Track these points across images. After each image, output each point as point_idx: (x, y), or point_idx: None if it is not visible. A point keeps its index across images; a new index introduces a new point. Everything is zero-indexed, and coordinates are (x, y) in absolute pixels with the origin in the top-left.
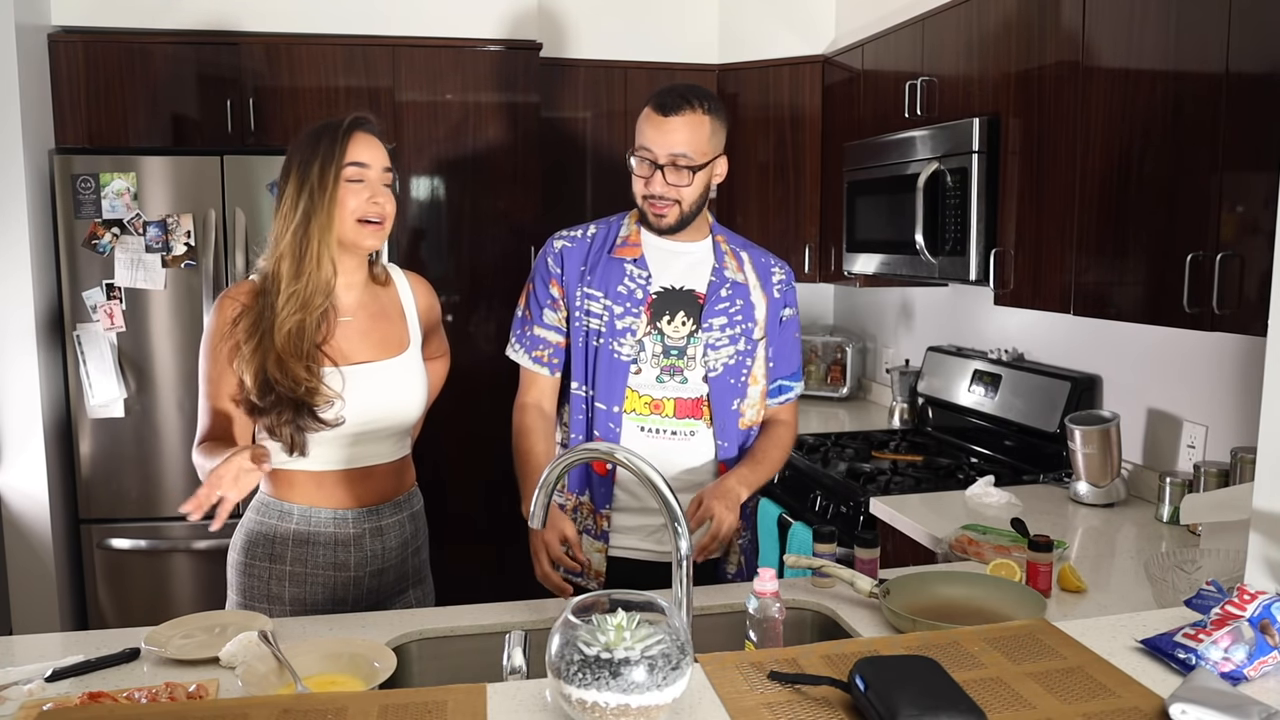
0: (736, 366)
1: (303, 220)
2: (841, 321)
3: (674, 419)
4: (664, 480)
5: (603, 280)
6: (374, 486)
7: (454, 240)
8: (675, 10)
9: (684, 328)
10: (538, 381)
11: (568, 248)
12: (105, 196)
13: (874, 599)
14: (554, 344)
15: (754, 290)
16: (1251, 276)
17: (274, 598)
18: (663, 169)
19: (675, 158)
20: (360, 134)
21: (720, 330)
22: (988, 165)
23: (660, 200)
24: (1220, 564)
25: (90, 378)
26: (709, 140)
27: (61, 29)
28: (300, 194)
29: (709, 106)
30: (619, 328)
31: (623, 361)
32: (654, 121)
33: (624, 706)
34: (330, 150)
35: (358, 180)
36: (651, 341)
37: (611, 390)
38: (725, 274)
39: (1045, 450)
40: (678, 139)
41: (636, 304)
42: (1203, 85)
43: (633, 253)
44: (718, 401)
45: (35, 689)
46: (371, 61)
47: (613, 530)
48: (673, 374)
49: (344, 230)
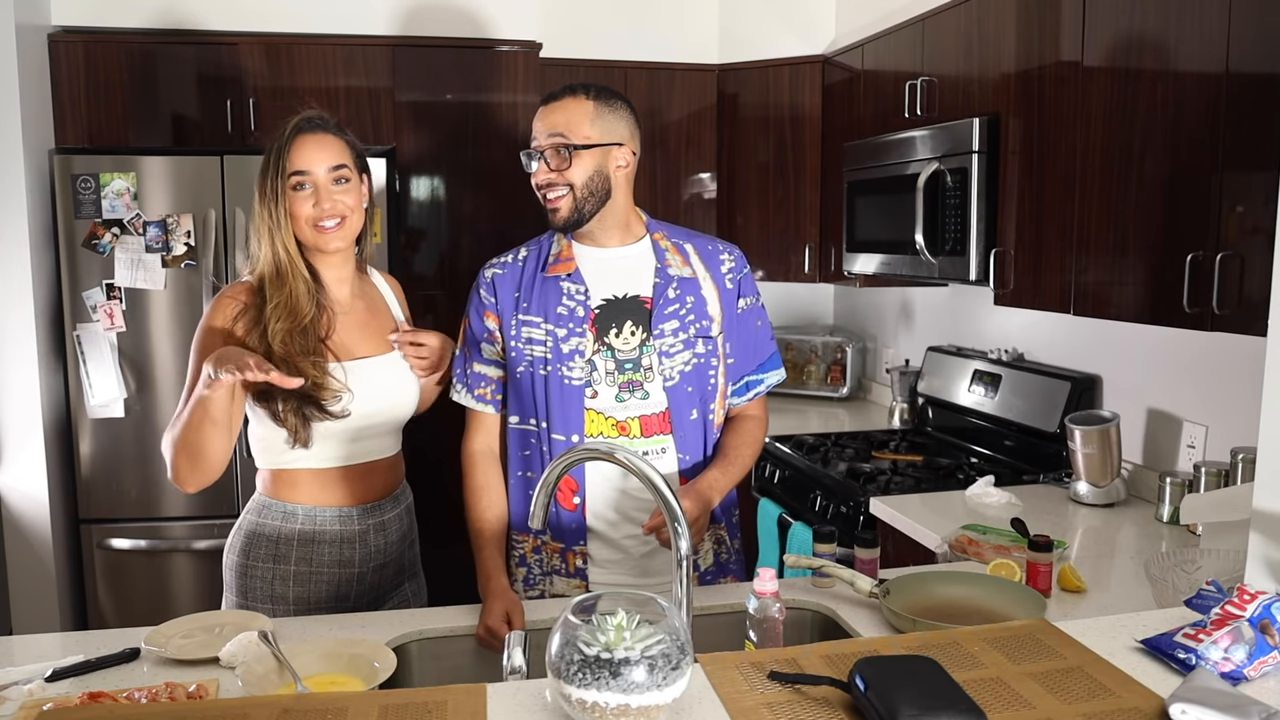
0: (697, 372)
1: (269, 234)
2: (841, 321)
3: (642, 439)
4: (664, 480)
5: (540, 304)
6: (375, 482)
7: (453, 241)
8: (675, 10)
9: (634, 338)
10: (484, 423)
11: (499, 275)
12: (105, 196)
13: (874, 599)
14: (495, 379)
15: (704, 283)
16: (1251, 276)
17: (277, 597)
18: (544, 156)
19: (552, 139)
20: (302, 138)
21: (673, 335)
22: (988, 165)
23: (549, 188)
24: (1220, 564)
25: (90, 378)
26: (591, 123)
27: (61, 29)
28: (263, 207)
29: (595, 93)
30: (565, 351)
31: (575, 386)
32: (538, 114)
33: (624, 706)
34: (275, 162)
35: (301, 188)
36: (602, 359)
37: (568, 419)
38: (669, 272)
39: (1045, 450)
40: (554, 120)
41: (579, 322)
42: (1203, 85)
43: (566, 268)
44: (676, 412)
45: (35, 689)
46: (371, 61)
47: (592, 565)
48: (632, 390)
49: (304, 237)
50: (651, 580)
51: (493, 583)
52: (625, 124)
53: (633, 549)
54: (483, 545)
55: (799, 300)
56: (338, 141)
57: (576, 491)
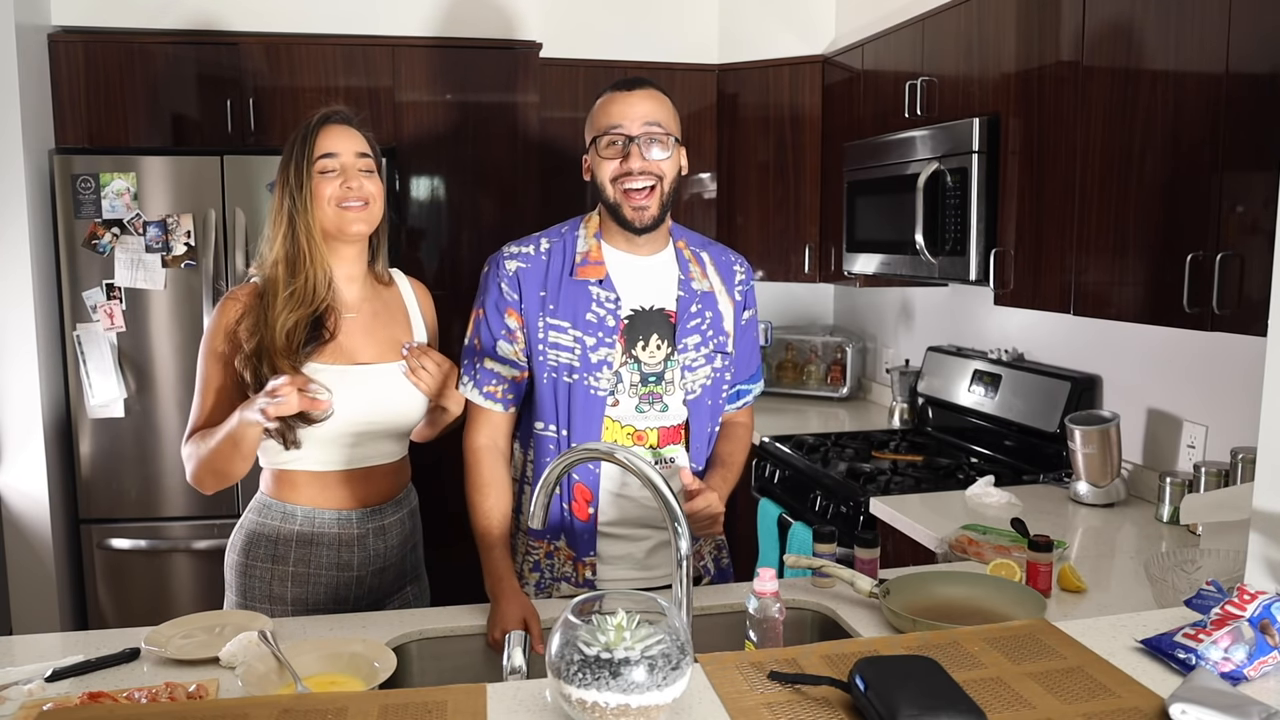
0: (714, 385)
1: (289, 221)
2: (841, 321)
3: (657, 448)
4: (664, 481)
5: (568, 308)
6: (376, 487)
7: (453, 240)
8: (675, 10)
9: (659, 351)
10: (490, 418)
11: (523, 269)
12: (105, 196)
13: (874, 599)
14: (509, 379)
15: (720, 297)
16: (1251, 276)
17: (275, 598)
18: (638, 142)
19: (650, 128)
20: (329, 126)
21: (695, 350)
22: (988, 165)
23: (641, 179)
24: (1220, 564)
25: (90, 378)
26: (674, 119)
27: (61, 29)
28: (284, 196)
29: (664, 92)
30: (594, 361)
31: (599, 397)
32: (619, 98)
33: (624, 706)
34: (302, 149)
35: (330, 171)
36: (629, 371)
37: (589, 429)
38: (692, 285)
39: (1045, 450)
40: (647, 108)
41: (609, 332)
42: (1203, 85)
43: (596, 273)
44: (696, 425)
45: (35, 689)
46: (371, 61)
47: (600, 564)
48: (652, 402)
49: (326, 219)
50: (653, 573)
51: (505, 584)
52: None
53: (637, 550)
54: (491, 545)
55: (799, 300)
56: (362, 136)
57: (590, 501)
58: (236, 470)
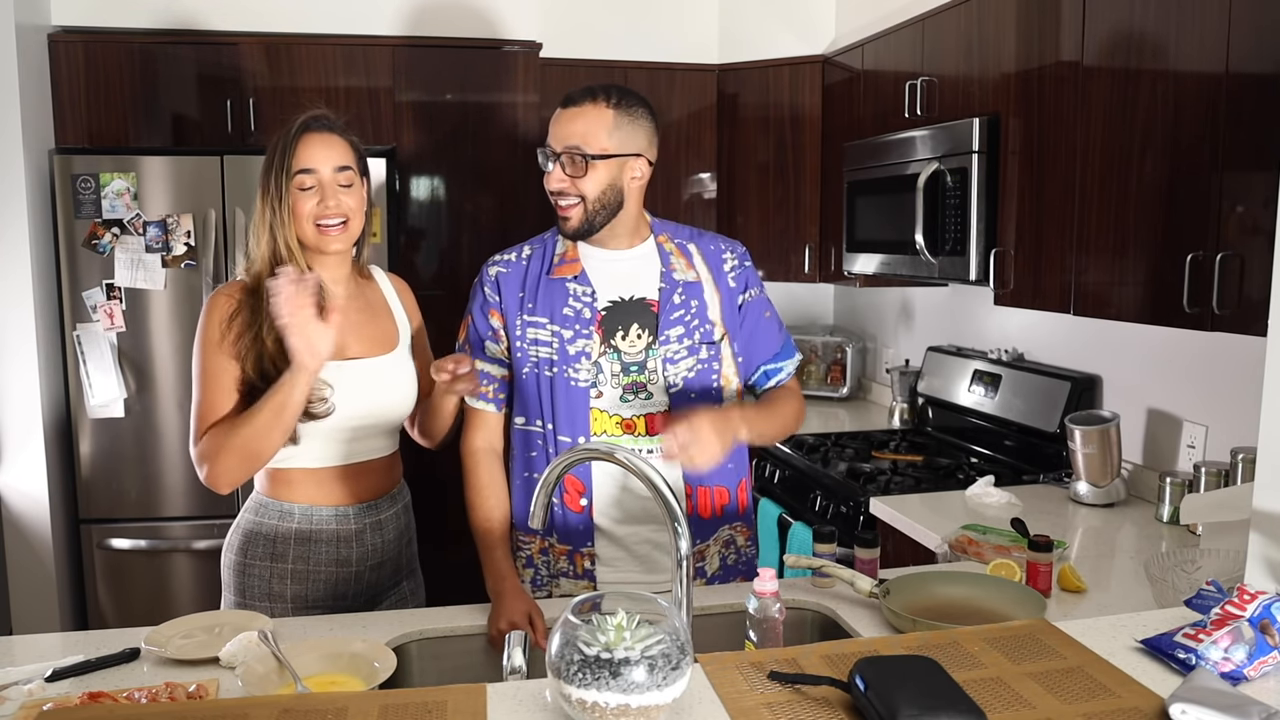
0: (700, 378)
1: (270, 231)
2: (841, 321)
3: (647, 437)
4: (664, 480)
5: (545, 305)
6: (371, 482)
7: (453, 241)
8: (675, 10)
9: (640, 340)
10: (485, 420)
11: (503, 273)
12: (105, 196)
13: (874, 599)
14: (498, 378)
15: (707, 287)
16: (1251, 276)
17: (275, 596)
18: (560, 161)
19: (569, 149)
20: (309, 136)
21: (678, 342)
22: (988, 165)
23: (561, 196)
24: (1220, 564)
25: (90, 378)
26: (610, 134)
27: (61, 29)
28: (265, 205)
29: (616, 100)
30: (572, 353)
31: (581, 388)
32: (555, 116)
33: (624, 706)
34: (281, 159)
35: (308, 187)
36: (609, 361)
37: (574, 420)
38: (674, 276)
39: (1045, 450)
40: (573, 129)
41: (586, 324)
42: (1203, 85)
43: (572, 270)
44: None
45: (35, 689)
46: (371, 61)
47: (599, 565)
48: (636, 392)
49: (305, 236)
50: (658, 577)
51: (508, 582)
52: (644, 133)
53: (638, 547)
54: (492, 545)
55: (799, 300)
56: (343, 142)
57: (583, 493)
58: (273, 444)
